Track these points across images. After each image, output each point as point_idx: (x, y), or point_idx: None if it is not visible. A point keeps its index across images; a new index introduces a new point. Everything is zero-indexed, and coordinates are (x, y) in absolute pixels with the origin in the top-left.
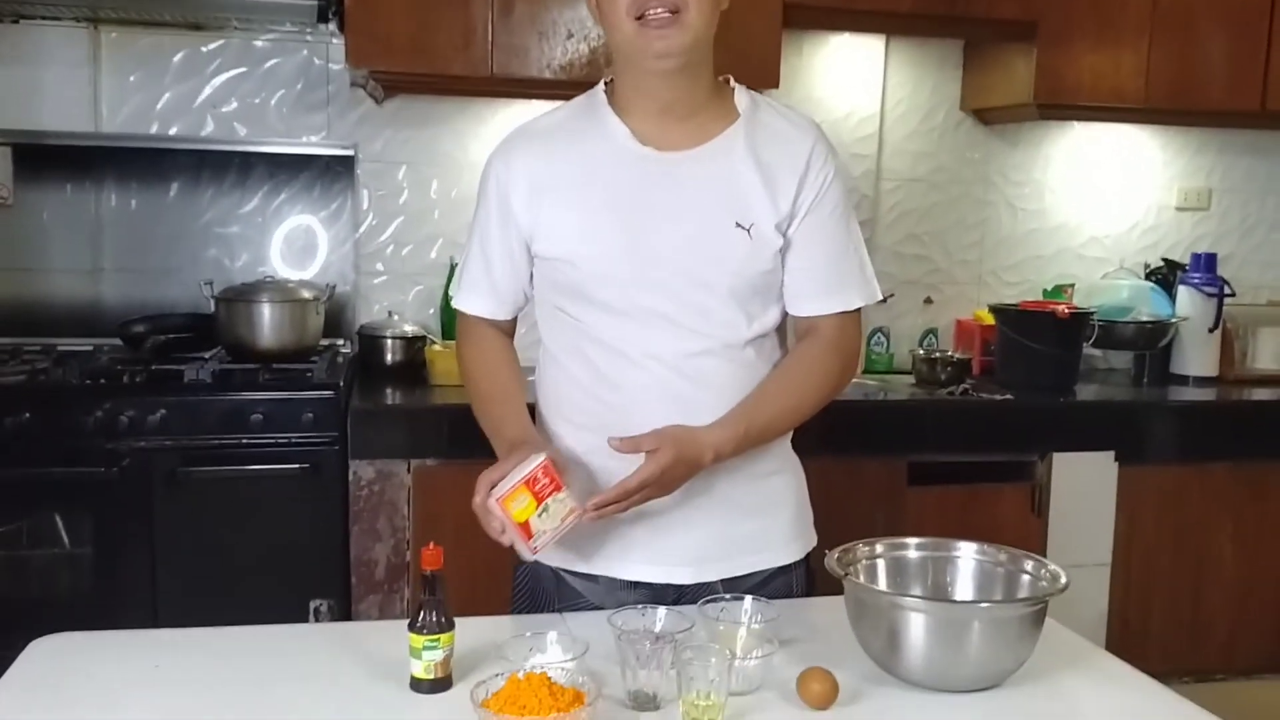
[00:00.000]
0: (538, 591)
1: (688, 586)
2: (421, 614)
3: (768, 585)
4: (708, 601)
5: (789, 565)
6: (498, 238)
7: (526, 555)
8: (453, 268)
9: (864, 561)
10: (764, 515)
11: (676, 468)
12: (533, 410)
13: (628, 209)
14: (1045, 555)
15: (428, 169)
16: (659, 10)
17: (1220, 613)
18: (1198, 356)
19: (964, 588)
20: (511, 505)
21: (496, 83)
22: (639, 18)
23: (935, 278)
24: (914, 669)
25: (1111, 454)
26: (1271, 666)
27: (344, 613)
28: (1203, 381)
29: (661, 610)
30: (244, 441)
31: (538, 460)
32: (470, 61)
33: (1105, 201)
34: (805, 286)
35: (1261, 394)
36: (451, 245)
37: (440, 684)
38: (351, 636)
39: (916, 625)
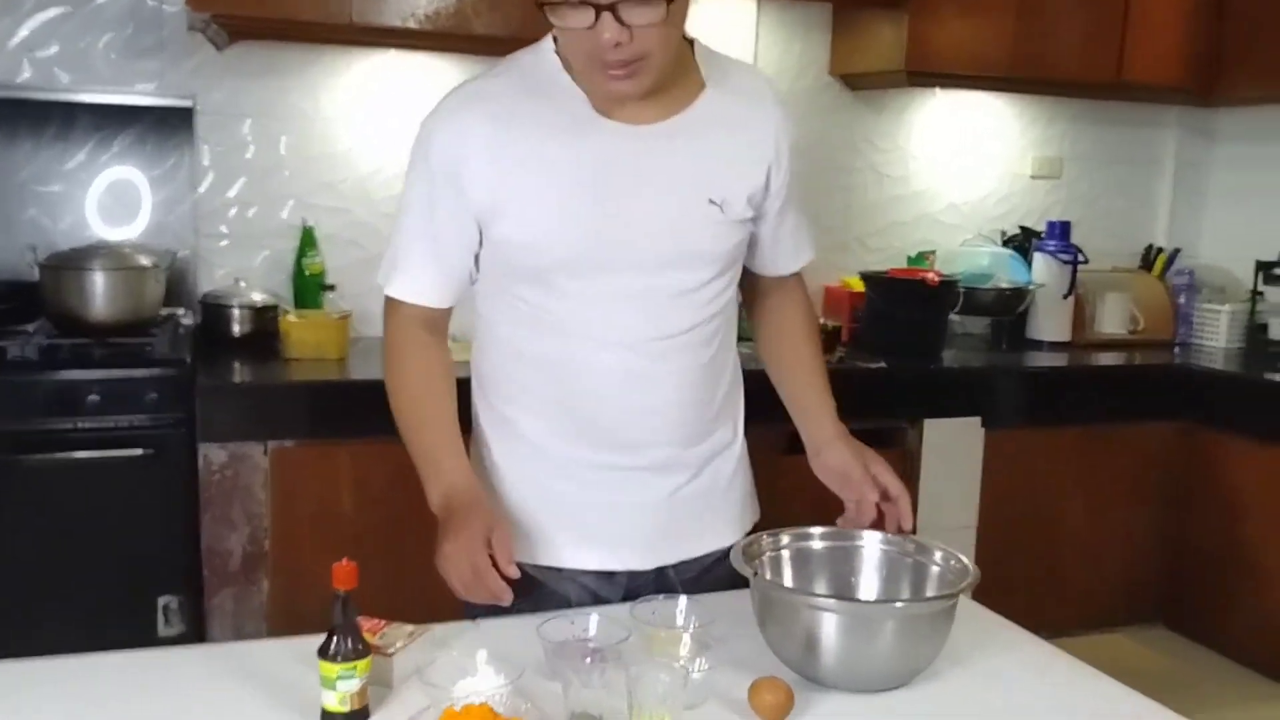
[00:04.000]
0: None
1: (640, 573)
2: (334, 640)
3: (715, 571)
4: (640, 604)
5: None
6: (449, 214)
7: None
8: (305, 231)
9: (769, 554)
10: (717, 493)
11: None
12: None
13: (602, 188)
14: (917, 521)
15: (275, 123)
16: (618, 67)
17: (1074, 570)
18: (1051, 322)
19: (871, 581)
20: None
21: (355, 31)
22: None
23: None
24: (825, 670)
25: (979, 419)
26: (1120, 620)
27: (195, 609)
28: (1056, 346)
29: (594, 617)
30: (79, 426)
31: None
32: (326, 6)
33: (964, 169)
34: (783, 249)
35: (1107, 357)
36: (304, 206)
37: (358, 716)
38: (245, 660)
39: (829, 626)
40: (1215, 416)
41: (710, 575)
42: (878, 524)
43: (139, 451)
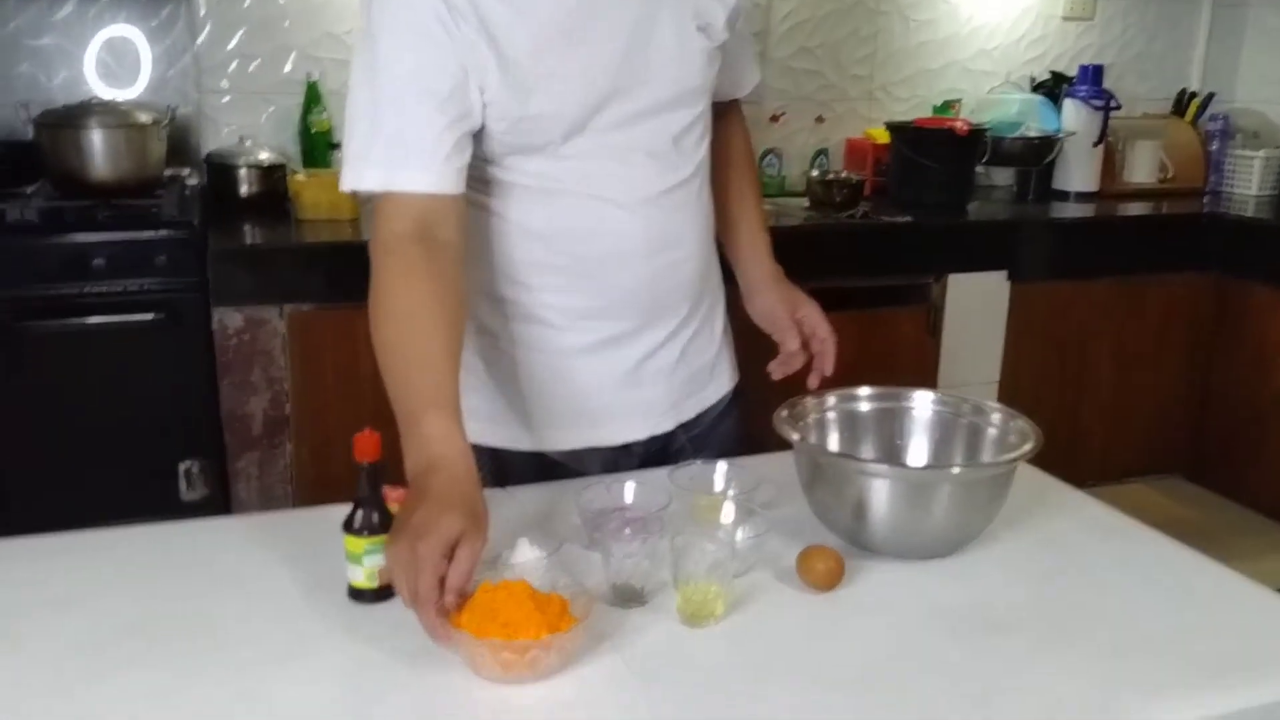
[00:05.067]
0: (484, 472)
1: (655, 438)
2: (359, 514)
3: (720, 426)
4: (678, 469)
5: (731, 401)
6: (444, 71)
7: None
8: (310, 85)
9: (813, 417)
10: (706, 341)
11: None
12: None
13: (603, 30)
14: (938, 376)
15: None
16: None
17: (1095, 424)
18: (1080, 171)
19: (922, 445)
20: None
21: None
22: None
23: (827, 94)
24: (876, 538)
25: (1004, 273)
26: (1140, 470)
27: (219, 473)
28: (1084, 196)
29: (630, 484)
30: (86, 291)
31: None
32: None
33: (994, 11)
34: (739, 69)
35: (1136, 207)
36: (307, 59)
37: (385, 592)
38: (274, 531)
39: (881, 493)
40: (1245, 266)
41: (719, 430)
42: (805, 370)
43: (151, 316)
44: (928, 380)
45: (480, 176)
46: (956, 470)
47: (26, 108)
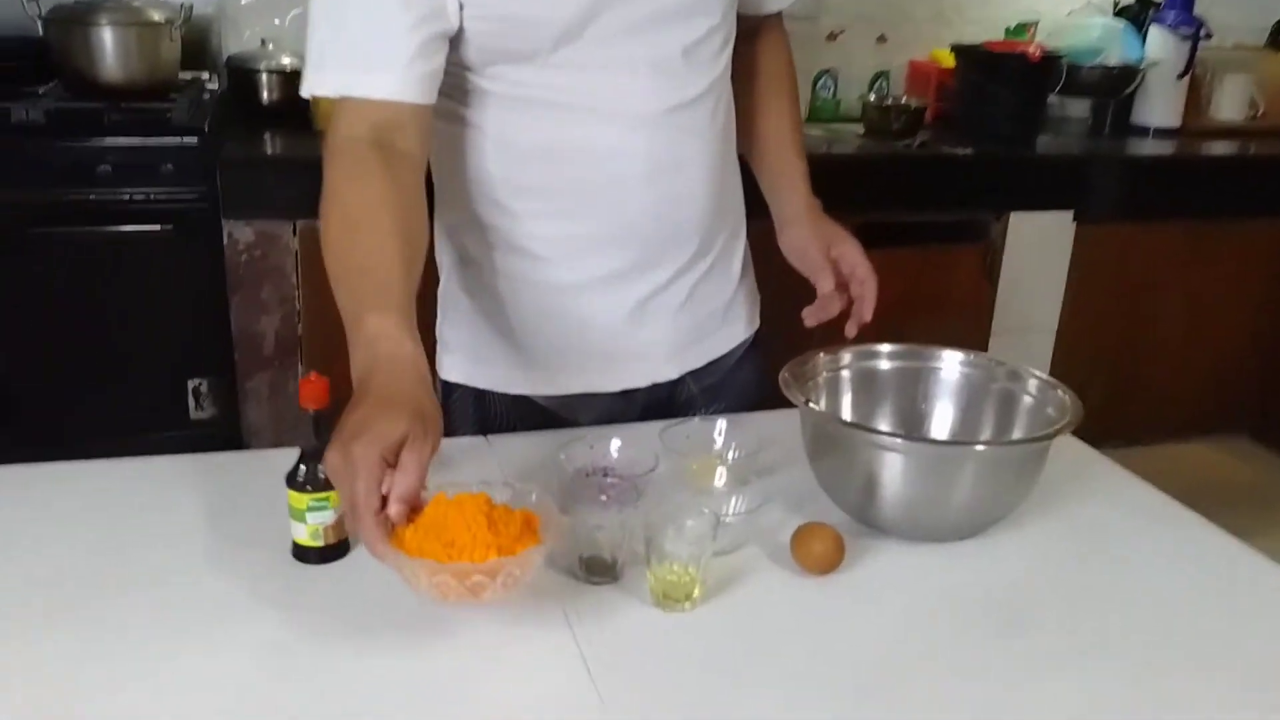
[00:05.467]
0: (466, 416)
1: (659, 385)
2: (303, 467)
3: (736, 376)
4: (672, 426)
5: (750, 349)
6: None
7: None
8: None
9: (824, 376)
10: (720, 282)
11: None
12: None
13: None
14: (993, 321)
15: None
16: None
17: (1158, 377)
18: (1162, 105)
19: (947, 411)
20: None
21: None
22: None
23: (890, 13)
24: (886, 517)
25: (1070, 213)
26: (1202, 428)
27: (229, 393)
28: (1164, 133)
29: (615, 441)
30: (92, 197)
31: None
32: None
33: None
34: None
35: (1220, 146)
36: None
37: (333, 551)
38: (230, 473)
39: (893, 469)
40: None
41: (735, 380)
42: (844, 317)
43: (158, 227)
44: (981, 325)
45: (459, 85)
46: (981, 447)
47: (37, 2)
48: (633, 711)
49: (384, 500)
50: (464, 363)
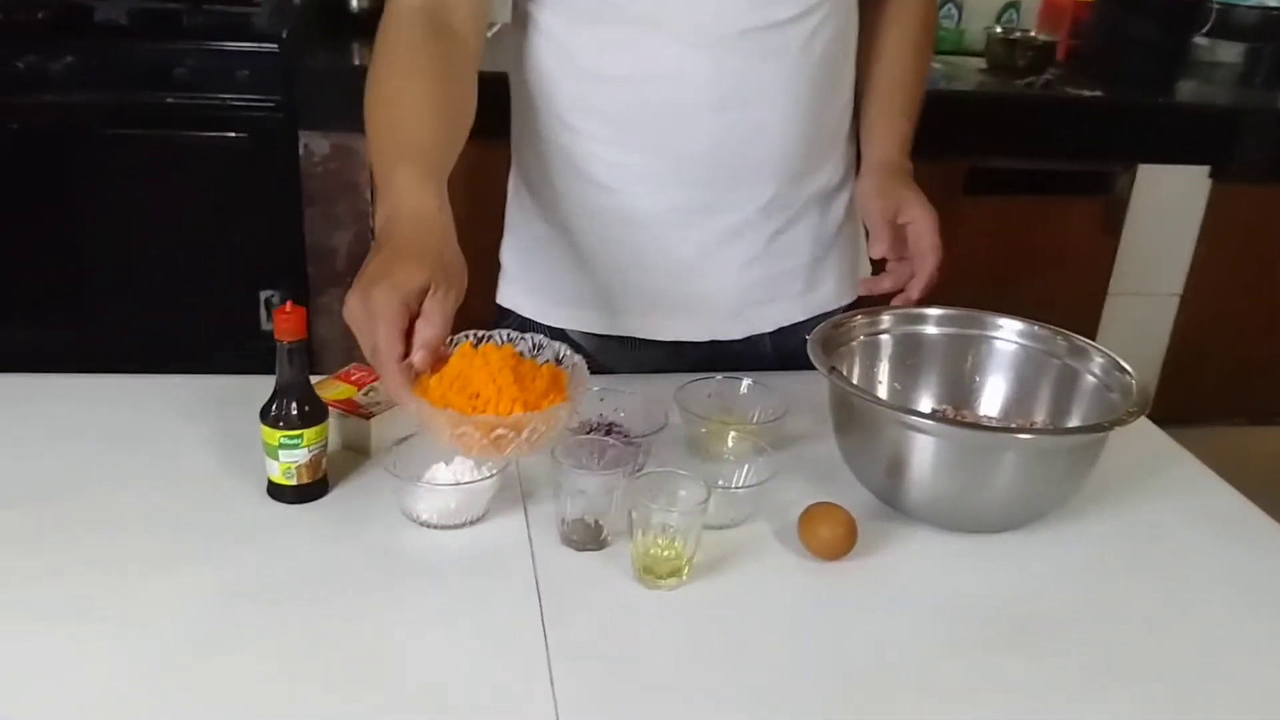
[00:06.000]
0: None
1: (725, 344)
2: (276, 402)
3: None
4: (692, 383)
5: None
6: None
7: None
8: None
9: (861, 339)
10: (807, 238)
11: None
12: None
13: None
14: (1110, 281)
15: None
16: None
17: None
18: None
19: (998, 388)
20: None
21: None
22: None
23: None
24: (914, 503)
25: (1206, 168)
26: None
27: (302, 305)
28: None
29: (627, 395)
30: (168, 101)
31: None
32: None
33: None
34: None
35: None
36: None
37: (308, 491)
38: (231, 395)
39: (924, 453)
40: None
41: None
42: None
43: (234, 135)
44: (1099, 285)
45: None
46: (1025, 436)
47: None
48: (584, 705)
49: (406, 350)
50: (514, 290)
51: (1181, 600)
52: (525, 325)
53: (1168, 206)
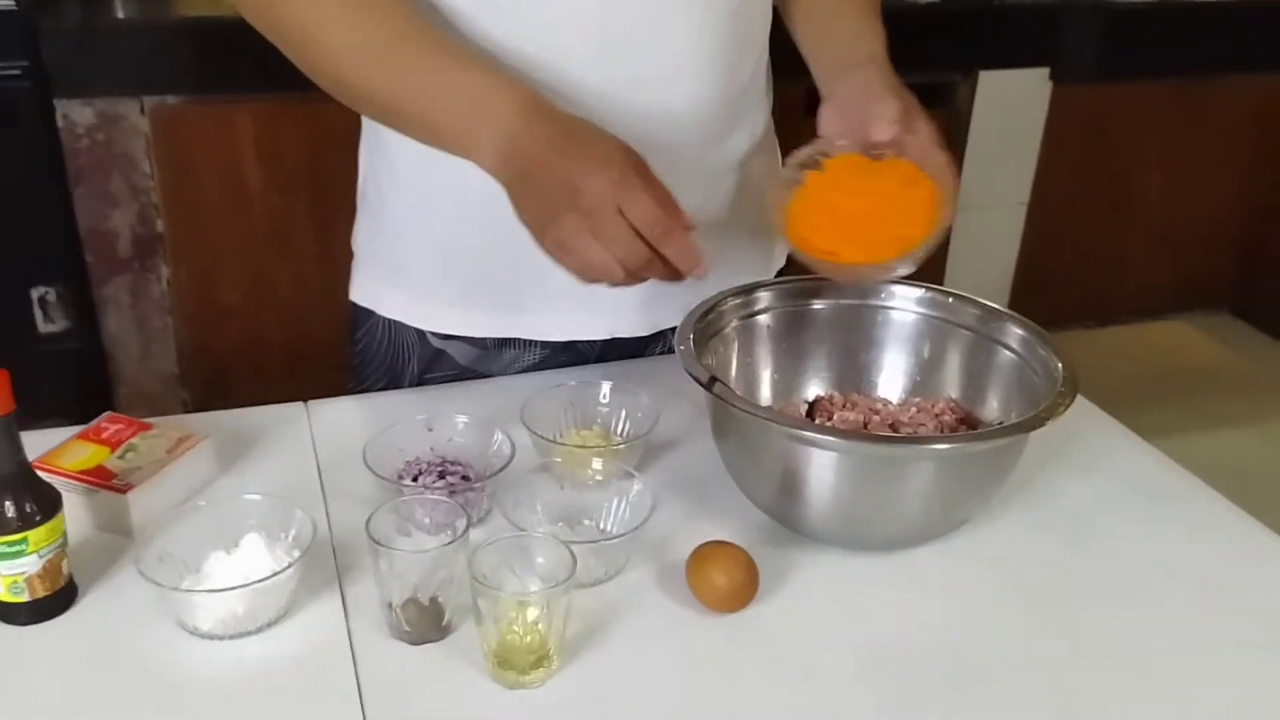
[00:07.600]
0: (395, 360)
1: (626, 341)
2: None
3: None
4: (539, 396)
5: None
6: None
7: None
8: None
9: (734, 323)
10: (744, 214)
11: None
12: None
13: None
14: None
15: None
16: None
17: (1137, 251)
18: None
19: (897, 369)
20: None
21: None
22: None
23: None
24: (813, 523)
25: (1045, 71)
26: (1182, 305)
27: (82, 301)
28: None
29: (460, 421)
30: None
31: None
32: None
33: None
34: None
35: None
36: None
37: (47, 606)
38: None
39: (822, 470)
40: None
41: None
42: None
43: None
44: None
45: None
46: (940, 446)
47: None
48: None
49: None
50: (373, 283)
51: (1122, 590)
52: (391, 331)
53: (1010, 113)
